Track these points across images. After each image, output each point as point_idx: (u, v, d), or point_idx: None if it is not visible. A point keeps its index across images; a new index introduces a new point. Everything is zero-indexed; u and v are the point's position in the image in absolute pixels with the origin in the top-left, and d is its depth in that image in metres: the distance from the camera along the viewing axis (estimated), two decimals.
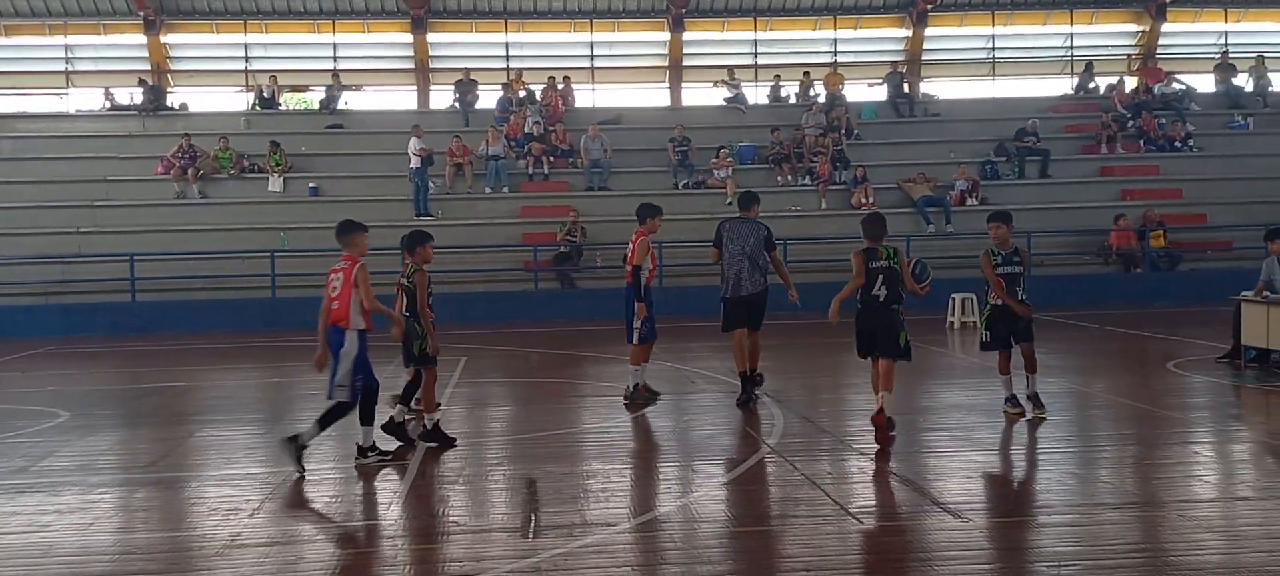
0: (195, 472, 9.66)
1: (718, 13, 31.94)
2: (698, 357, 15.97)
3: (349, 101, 30.39)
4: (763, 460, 9.41)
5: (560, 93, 29.51)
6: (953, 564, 6.49)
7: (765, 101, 30.91)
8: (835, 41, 32.57)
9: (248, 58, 31.40)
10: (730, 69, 31.20)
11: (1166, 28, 32.77)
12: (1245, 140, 29.44)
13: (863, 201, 26.08)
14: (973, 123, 29.71)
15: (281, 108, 30.33)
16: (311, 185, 26.48)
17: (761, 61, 32.35)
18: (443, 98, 30.96)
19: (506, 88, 29.79)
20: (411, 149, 25.47)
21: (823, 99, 29.99)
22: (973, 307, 19.84)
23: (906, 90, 30.89)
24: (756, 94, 31.37)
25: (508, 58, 31.72)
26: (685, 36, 31.69)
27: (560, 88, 29.68)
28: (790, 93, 30.78)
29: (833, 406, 12.62)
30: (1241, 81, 31.53)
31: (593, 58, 32.18)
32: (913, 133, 29.67)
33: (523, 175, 27.10)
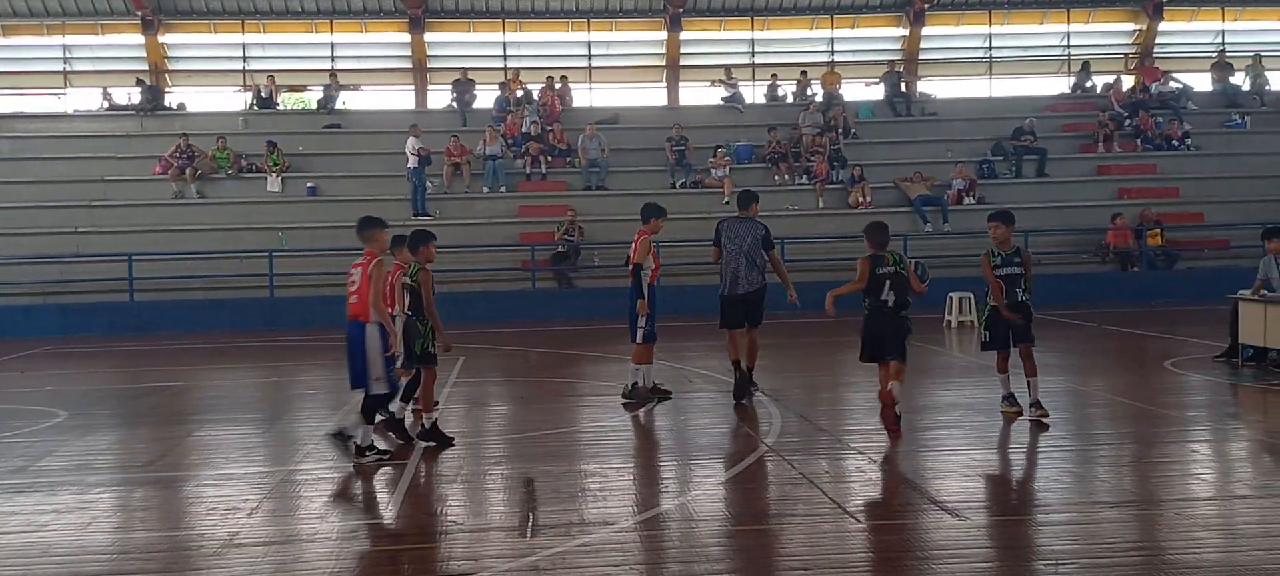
0: (193, 472, 9.66)
1: (715, 12, 31.95)
2: (695, 357, 15.97)
3: (347, 101, 30.38)
4: (760, 459, 9.42)
5: (558, 92, 29.51)
6: (950, 562, 6.50)
7: (762, 101, 30.90)
8: (832, 41, 32.59)
9: (245, 57, 31.38)
10: (727, 68, 31.19)
11: (1163, 26, 32.80)
12: (1242, 139, 29.48)
13: (860, 200, 26.11)
14: (970, 122, 29.73)
15: (279, 107, 30.30)
16: (309, 185, 26.48)
17: (759, 61, 32.36)
18: (440, 97, 30.97)
19: (504, 87, 29.80)
20: (409, 149, 25.48)
21: (820, 98, 30.00)
22: (970, 306, 19.85)
23: (903, 89, 30.90)
24: (754, 93, 31.38)
25: (505, 57, 31.74)
26: (682, 36, 31.70)
27: (558, 87, 29.68)
28: (787, 92, 30.79)
29: (831, 405, 12.64)
30: (1238, 80, 31.57)
31: (590, 57, 32.19)
32: (910, 132, 29.69)
33: (520, 175, 27.10)
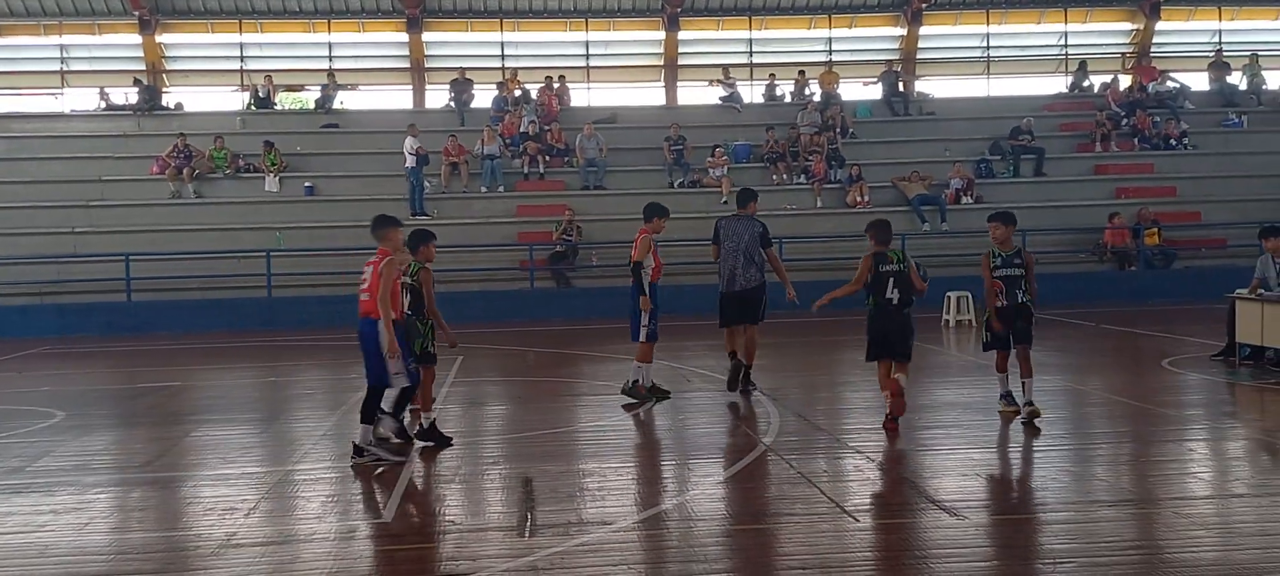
0: (191, 472, 9.65)
1: (712, 12, 31.96)
2: (693, 356, 15.96)
3: (344, 101, 30.37)
4: (759, 458, 9.42)
5: (555, 92, 29.51)
6: (948, 561, 6.50)
7: (760, 100, 30.91)
8: (830, 40, 32.62)
9: (243, 57, 31.37)
10: (725, 68, 31.21)
11: (1160, 26, 32.85)
12: (1239, 138, 29.50)
13: (858, 200, 26.12)
14: (967, 121, 29.75)
15: (277, 107, 30.28)
16: (307, 185, 26.47)
17: (756, 60, 32.38)
18: (438, 97, 30.97)
19: (502, 87, 29.79)
20: (407, 148, 25.48)
21: (818, 98, 30.02)
22: (968, 306, 19.86)
23: (901, 89, 30.92)
24: (751, 93, 31.40)
25: (503, 57, 31.74)
26: (680, 35, 31.71)
27: (556, 87, 29.68)
28: (785, 91, 30.80)
29: (829, 404, 12.65)
30: (1235, 79, 31.61)
31: (588, 57, 32.20)
32: (907, 131, 29.70)
33: (518, 174, 27.09)
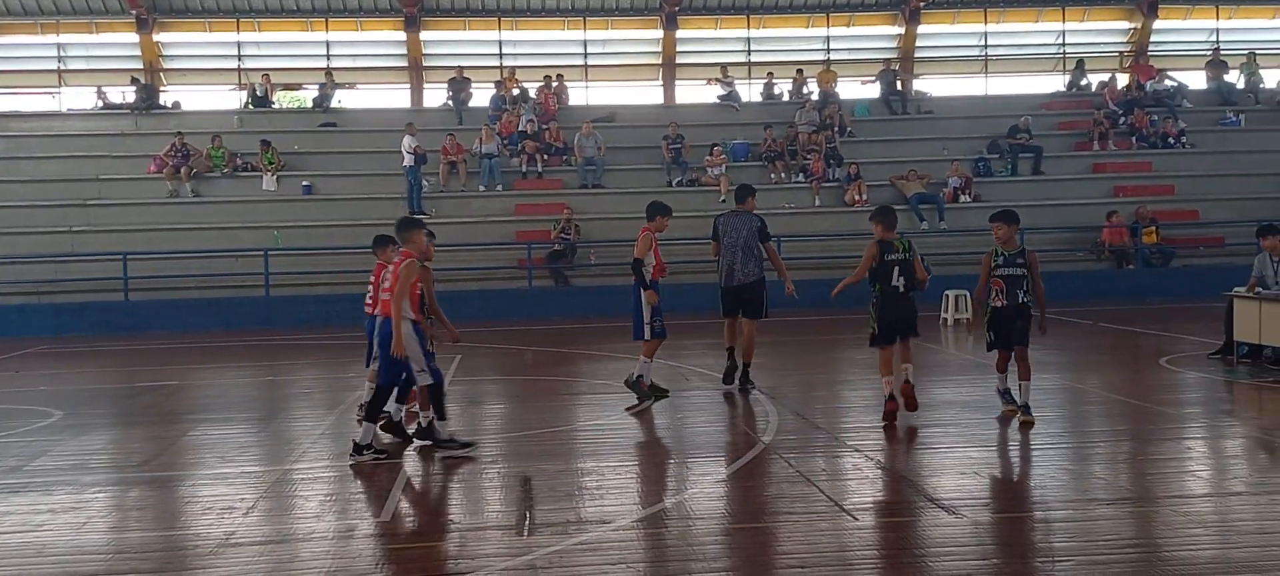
0: (189, 471, 9.65)
1: (711, 10, 31.96)
2: (692, 355, 15.96)
3: (342, 100, 30.36)
4: (758, 457, 9.42)
5: (554, 91, 29.50)
6: (947, 559, 6.50)
7: (758, 99, 30.90)
8: (828, 39, 32.62)
9: (240, 56, 31.36)
10: (723, 66, 31.20)
11: (1158, 24, 32.87)
12: (1237, 137, 29.52)
13: (856, 199, 26.14)
14: (965, 120, 29.76)
15: (274, 106, 30.28)
16: (305, 184, 26.45)
17: (754, 59, 32.38)
18: (436, 96, 30.97)
19: (500, 86, 29.78)
20: (405, 147, 25.46)
21: (816, 96, 30.02)
22: (966, 304, 19.85)
23: (899, 87, 30.93)
24: (750, 91, 31.40)
25: (501, 56, 31.73)
26: (678, 34, 31.71)
27: (554, 86, 29.67)
28: (783, 90, 30.80)
29: (827, 403, 12.63)
30: (1233, 78, 31.63)
31: (586, 56, 32.19)
32: (905, 130, 29.71)
33: (516, 173, 27.08)
